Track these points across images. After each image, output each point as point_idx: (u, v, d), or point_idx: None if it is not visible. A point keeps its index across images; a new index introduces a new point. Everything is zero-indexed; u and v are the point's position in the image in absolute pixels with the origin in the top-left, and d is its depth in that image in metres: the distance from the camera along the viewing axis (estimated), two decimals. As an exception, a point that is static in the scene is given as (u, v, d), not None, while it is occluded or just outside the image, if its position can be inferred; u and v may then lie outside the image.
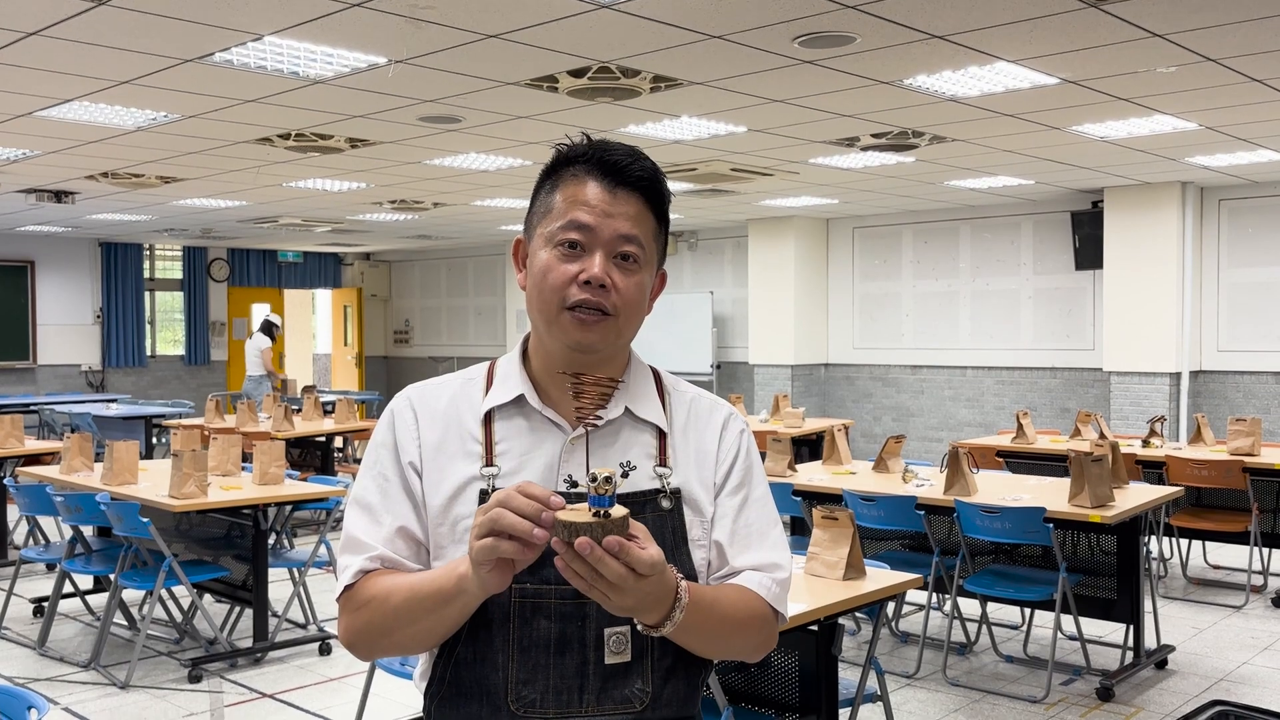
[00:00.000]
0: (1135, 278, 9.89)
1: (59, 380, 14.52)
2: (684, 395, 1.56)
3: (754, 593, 1.47)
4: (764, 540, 1.51)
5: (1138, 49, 5.13)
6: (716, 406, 1.57)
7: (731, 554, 1.49)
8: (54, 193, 9.76)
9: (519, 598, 1.39)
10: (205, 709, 4.76)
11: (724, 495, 1.51)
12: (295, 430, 8.73)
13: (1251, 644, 5.60)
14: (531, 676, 1.39)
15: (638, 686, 1.42)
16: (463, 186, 9.64)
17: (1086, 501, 4.73)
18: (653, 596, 1.27)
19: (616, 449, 1.45)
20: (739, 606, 1.45)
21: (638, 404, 1.49)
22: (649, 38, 4.89)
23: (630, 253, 1.42)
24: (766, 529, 1.52)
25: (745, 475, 1.53)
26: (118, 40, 4.90)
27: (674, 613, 1.31)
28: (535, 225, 1.50)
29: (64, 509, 5.48)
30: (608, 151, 1.44)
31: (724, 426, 1.54)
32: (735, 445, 1.54)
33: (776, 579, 1.49)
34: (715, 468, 1.52)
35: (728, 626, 1.44)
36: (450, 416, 1.48)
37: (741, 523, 1.50)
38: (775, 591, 1.49)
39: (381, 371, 17.80)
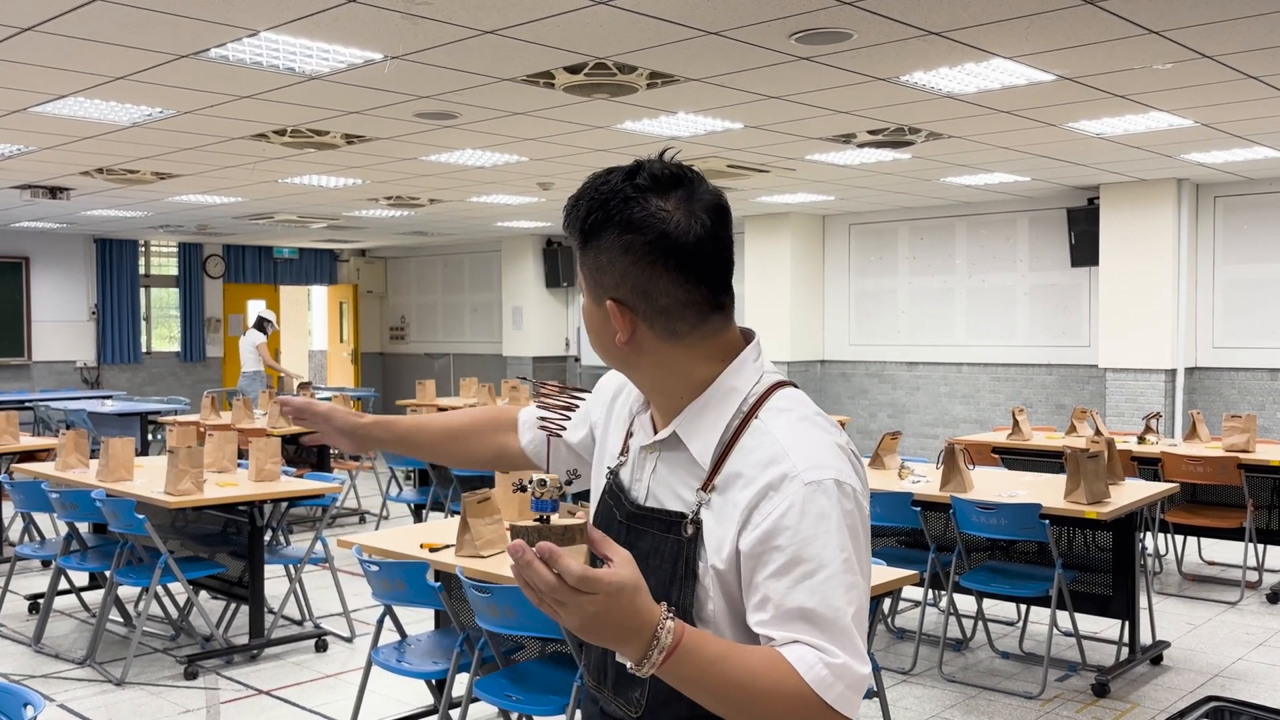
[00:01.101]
0: (1131, 274, 9.90)
1: (54, 377, 14.50)
2: (764, 436, 1.40)
3: (790, 667, 1.27)
4: (825, 629, 1.29)
5: (1134, 46, 5.13)
6: (779, 461, 1.36)
7: (779, 634, 1.31)
8: (49, 189, 9.73)
9: None
10: (201, 706, 4.75)
11: (767, 575, 1.32)
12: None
13: (1246, 640, 5.61)
14: (589, 651, 1.56)
15: (637, 694, 1.45)
16: (459, 183, 9.63)
17: (1082, 498, 4.74)
18: (605, 622, 1.21)
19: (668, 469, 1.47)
20: (760, 676, 1.27)
21: (690, 434, 1.45)
22: (645, 34, 4.89)
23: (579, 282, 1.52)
24: (831, 616, 1.29)
25: (798, 552, 1.31)
26: (113, 36, 4.88)
27: (651, 653, 1.23)
28: None
29: (59, 506, 5.47)
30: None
31: (769, 489, 1.35)
32: (778, 514, 1.33)
33: (829, 663, 1.27)
34: (741, 530, 1.36)
35: (740, 694, 1.26)
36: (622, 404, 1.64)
37: (792, 604, 1.30)
38: (822, 675, 1.27)
39: (377, 368, 17.79)
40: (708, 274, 1.42)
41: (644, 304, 1.41)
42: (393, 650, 4.01)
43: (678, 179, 1.41)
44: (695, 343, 1.44)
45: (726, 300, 1.46)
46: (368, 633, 5.45)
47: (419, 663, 3.94)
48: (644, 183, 1.40)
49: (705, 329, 1.44)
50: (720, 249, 1.43)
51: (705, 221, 1.40)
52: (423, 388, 11.46)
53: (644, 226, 1.38)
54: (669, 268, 1.39)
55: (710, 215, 1.41)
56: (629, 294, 1.41)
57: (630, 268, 1.40)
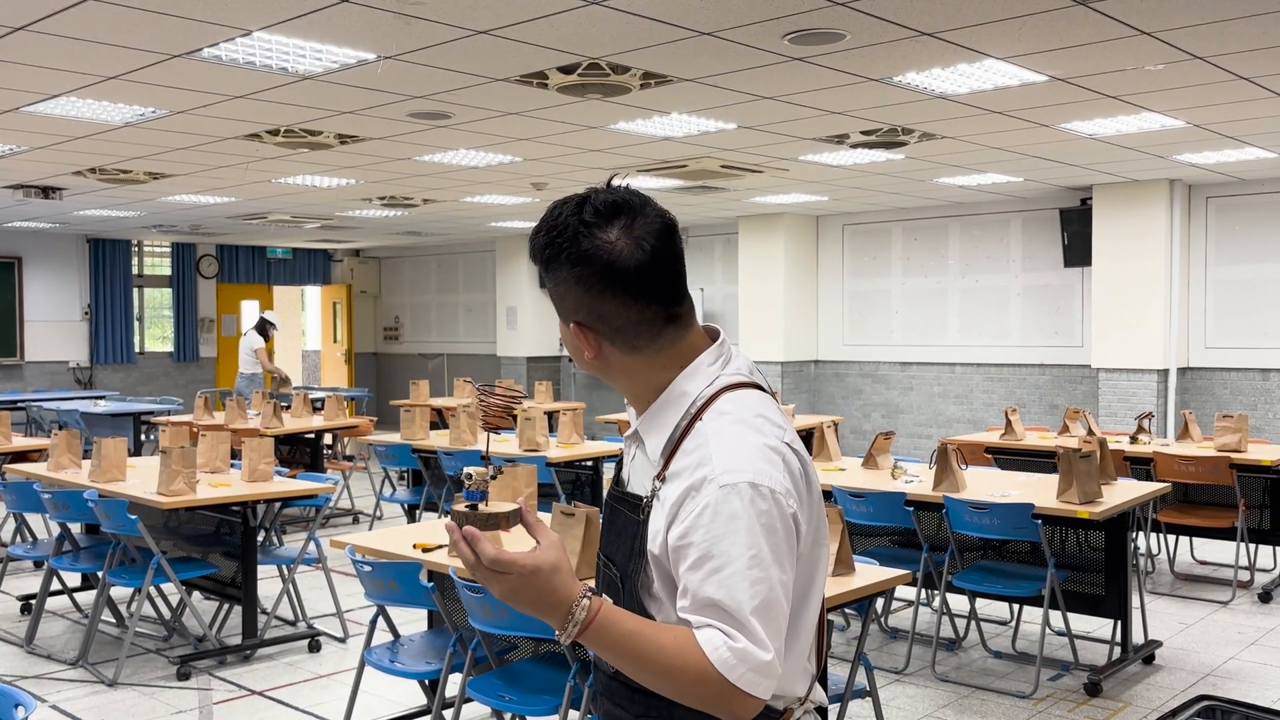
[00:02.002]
0: (1123, 275, 9.93)
1: (46, 377, 14.46)
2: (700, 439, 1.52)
3: (696, 645, 1.41)
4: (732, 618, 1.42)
5: (1126, 47, 5.15)
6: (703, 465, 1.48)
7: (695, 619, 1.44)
8: (41, 188, 9.71)
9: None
10: (194, 706, 4.75)
11: (685, 567, 1.45)
12: (284, 427, 8.72)
13: (1238, 639, 5.63)
14: None
15: None
16: (452, 183, 9.62)
17: (1075, 498, 4.75)
18: (522, 597, 1.43)
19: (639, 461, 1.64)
20: (667, 653, 1.42)
21: (648, 431, 1.61)
22: (639, 34, 4.89)
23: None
24: (736, 608, 1.41)
25: (710, 548, 1.43)
26: (106, 35, 4.88)
27: (567, 625, 1.42)
28: None
29: (51, 506, 5.46)
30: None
31: (690, 490, 1.47)
32: (695, 513, 1.45)
33: (733, 646, 1.40)
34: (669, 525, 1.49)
35: (648, 666, 1.43)
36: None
37: (704, 596, 1.43)
38: (725, 656, 1.40)
39: (371, 368, 17.77)
40: (655, 293, 1.54)
41: (602, 325, 1.56)
42: (386, 650, 4.00)
43: (619, 207, 1.52)
44: (654, 354, 1.58)
45: (681, 311, 1.59)
46: (361, 633, 5.45)
47: (412, 663, 3.93)
48: (589, 216, 1.52)
49: (662, 341, 1.57)
50: (665, 269, 1.54)
51: (647, 246, 1.52)
52: (416, 388, 11.46)
53: (591, 258, 1.51)
54: (618, 293, 1.52)
55: (653, 239, 1.53)
56: (587, 317, 1.56)
57: (584, 295, 1.54)
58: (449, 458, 7.12)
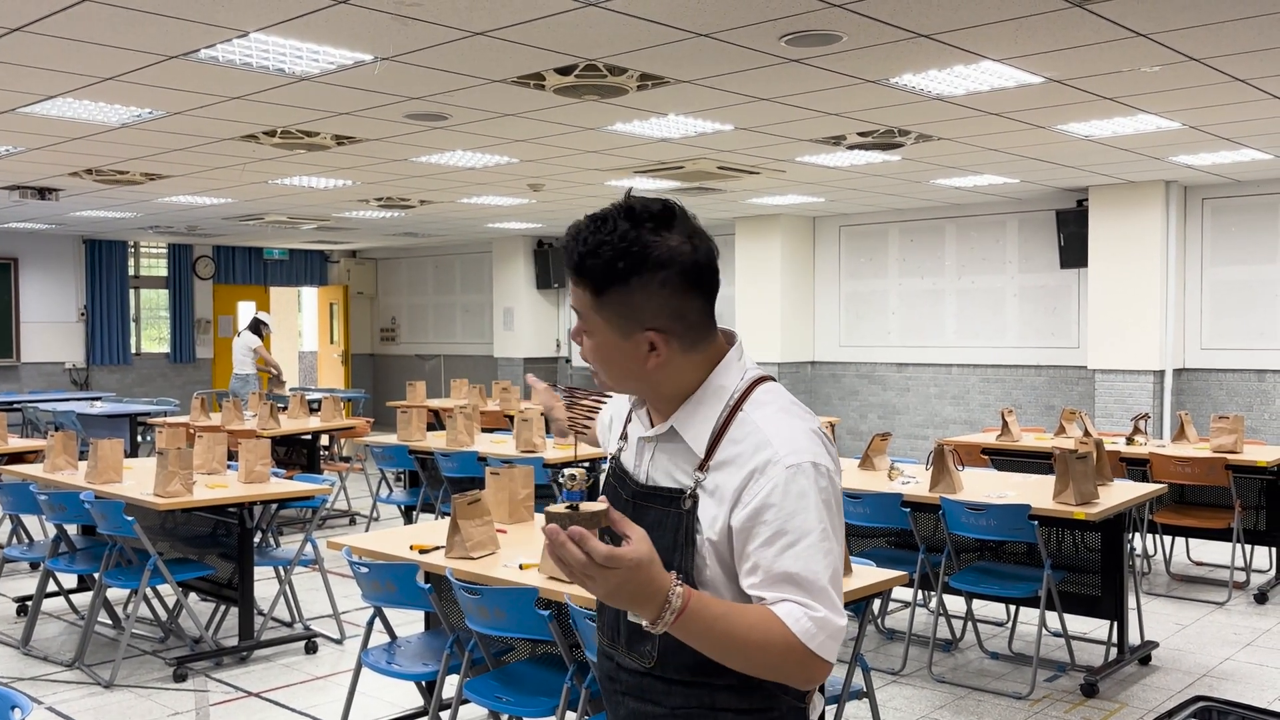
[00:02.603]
0: (1120, 276, 9.94)
1: (43, 378, 14.44)
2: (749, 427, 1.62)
3: (780, 621, 1.51)
4: (807, 590, 1.53)
5: (1122, 48, 5.16)
6: (763, 449, 1.58)
7: (769, 594, 1.54)
8: (37, 189, 9.70)
9: None
10: (190, 708, 4.74)
11: (756, 544, 1.55)
12: (281, 428, 8.71)
13: (1234, 640, 5.64)
14: (602, 612, 1.79)
15: (648, 647, 1.67)
16: (449, 184, 9.62)
17: (1071, 499, 4.76)
18: (625, 590, 1.43)
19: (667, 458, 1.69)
20: (756, 629, 1.51)
21: (685, 427, 1.67)
22: (636, 36, 4.90)
23: (580, 327, 1.68)
24: (812, 579, 1.53)
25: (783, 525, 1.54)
26: (102, 36, 4.87)
27: (664, 614, 1.45)
28: None
29: (48, 507, 5.46)
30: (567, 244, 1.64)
31: (755, 473, 1.57)
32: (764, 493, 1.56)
33: (813, 616, 1.51)
34: (733, 509, 1.58)
35: (739, 644, 1.50)
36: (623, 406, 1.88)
37: (779, 570, 1.53)
38: (807, 626, 1.51)
39: (368, 369, 17.76)
40: (714, 288, 1.67)
41: (680, 325, 1.63)
42: (383, 652, 4.00)
43: (669, 212, 1.62)
44: (703, 351, 1.67)
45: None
46: (358, 634, 5.44)
47: (409, 664, 3.93)
48: (650, 224, 1.59)
49: (710, 336, 1.69)
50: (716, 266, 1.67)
51: (702, 246, 1.64)
52: (413, 389, 11.45)
53: (671, 261, 1.59)
54: (697, 292, 1.63)
55: (703, 239, 1.64)
56: (668, 320, 1.62)
57: (669, 298, 1.61)
58: (445, 459, 7.12)
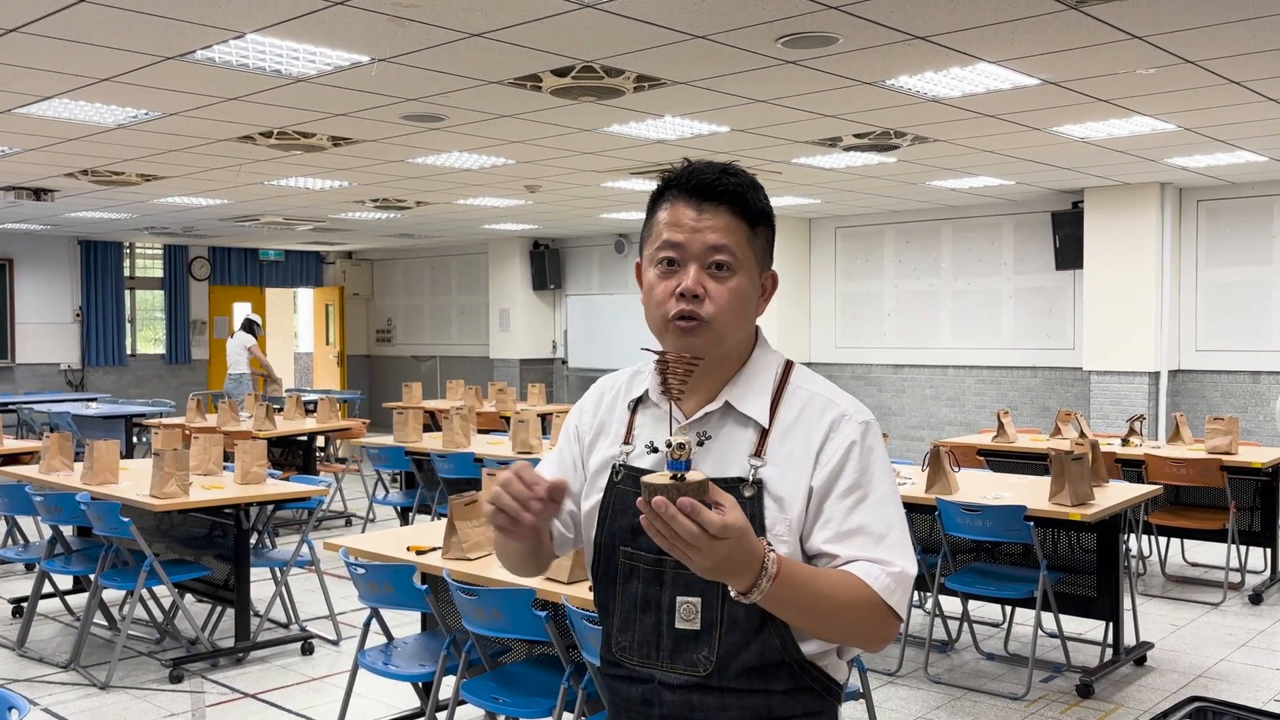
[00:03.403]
0: (1115, 278, 9.96)
1: (38, 379, 14.42)
2: (803, 393, 1.63)
3: (860, 580, 1.51)
4: (880, 542, 1.54)
5: (1118, 51, 5.17)
6: (831, 407, 1.60)
7: (843, 550, 1.54)
8: (33, 190, 9.68)
9: (623, 558, 1.63)
10: (186, 709, 4.74)
11: (833, 499, 1.56)
12: (277, 429, 8.70)
13: (1229, 641, 5.65)
14: (625, 627, 1.64)
15: (704, 654, 1.58)
16: (446, 185, 9.62)
17: (1067, 500, 4.76)
18: (731, 560, 1.38)
19: (719, 438, 1.62)
20: (840, 589, 1.50)
21: (741, 400, 1.62)
22: (632, 37, 4.90)
23: (722, 261, 1.58)
24: (884, 531, 1.55)
25: (858, 478, 1.56)
26: (98, 37, 4.87)
27: (761, 580, 1.41)
28: (644, 247, 1.68)
29: (43, 509, 5.45)
30: (695, 173, 1.60)
31: (831, 430, 1.58)
32: (843, 449, 1.57)
33: (889, 572, 1.52)
34: (814, 469, 1.57)
35: (826, 605, 1.49)
36: (614, 404, 1.75)
37: (853, 524, 1.54)
38: (886, 583, 1.52)
39: (363, 370, 17.75)
40: None
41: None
42: (379, 653, 4.00)
43: None
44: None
45: None
46: (354, 635, 5.44)
47: (405, 665, 3.93)
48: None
49: None
50: None
51: None
52: (409, 390, 11.45)
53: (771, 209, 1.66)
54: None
55: None
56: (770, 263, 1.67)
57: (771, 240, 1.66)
58: (442, 460, 7.12)
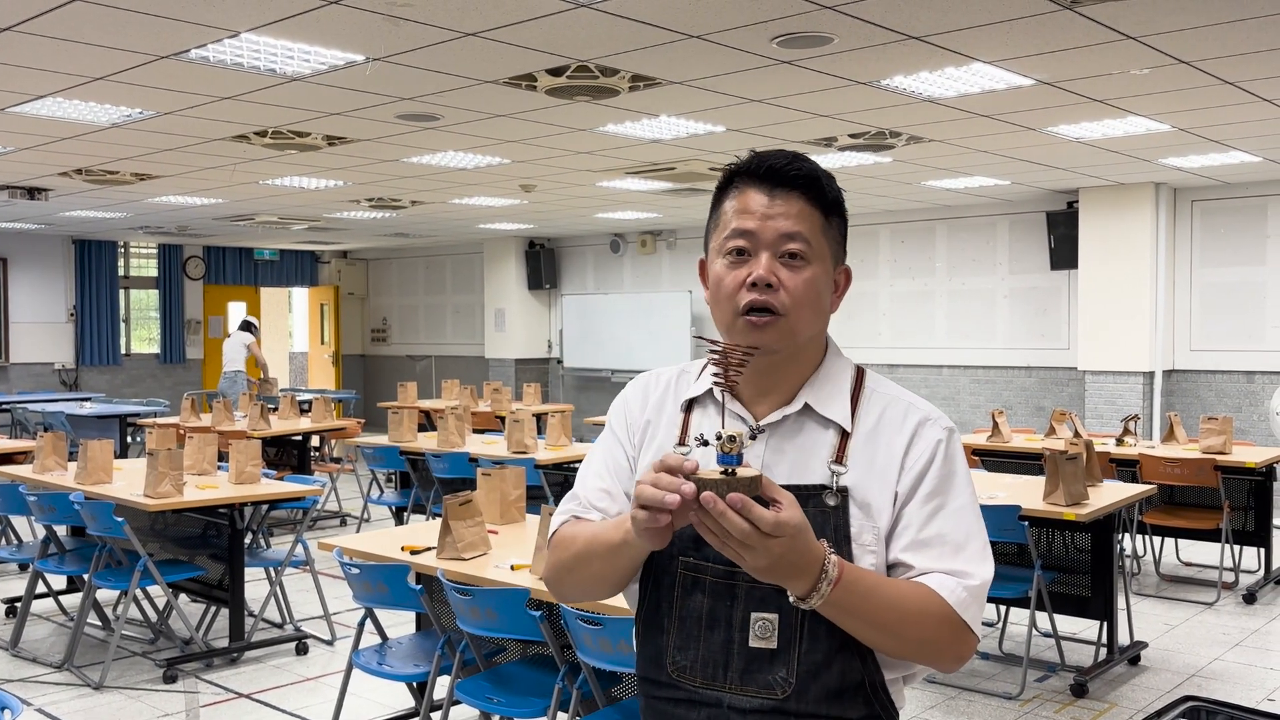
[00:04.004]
0: (1109, 278, 9.98)
1: (32, 379, 14.38)
2: (882, 397, 1.55)
3: (934, 591, 1.43)
4: (958, 552, 1.46)
5: (1112, 51, 5.18)
6: (913, 410, 1.53)
7: (919, 561, 1.46)
8: (27, 189, 9.66)
9: (682, 569, 1.50)
10: (180, 709, 4.73)
11: (913, 505, 1.48)
12: (272, 429, 8.69)
13: (1223, 640, 5.66)
14: (685, 644, 1.49)
15: (781, 675, 1.45)
16: (441, 185, 9.61)
17: (1061, 499, 4.77)
18: (787, 560, 1.30)
19: (796, 442, 1.52)
20: (910, 600, 1.42)
21: (821, 402, 1.53)
22: (628, 37, 4.90)
23: (796, 250, 1.49)
24: (963, 541, 1.47)
25: (939, 484, 1.49)
26: (92, 36, 4.86)
27: (820, 584, 1.33)
28: (710, 242, 1.59)
29: (37, 508, 5.44)
30: (765, 159, 1.54)
31: (915, 434, 1.51)
32: (928, 454, 1.49)
33: (966, 585, 1.44)
34: (900, 475, 1.49)
35: (893, 616, 1.40)
36: (662, 402, 1.62)
37: (931, 532, 1.46)
38: (962, 596, 1.43)
39: (358, 370, 17.73)
40: None
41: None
42: (374, 653, 4.00)
43: None
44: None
45: None
46: (348, 636, 5.44)
47: (400, 665, 3.93)
48: None
49: None
50: None
51: None
52: (404, 390, 11.44)
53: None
54: None
55: None
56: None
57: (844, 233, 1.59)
58: (437, 460, 7.11)
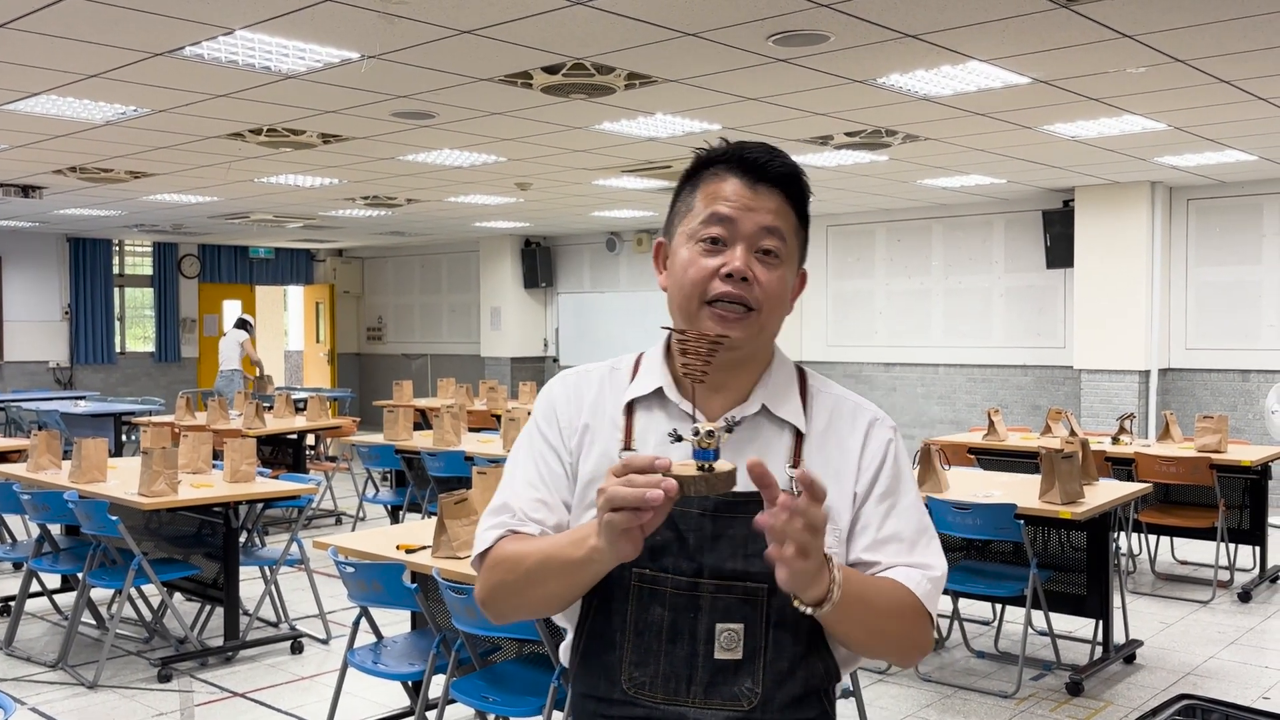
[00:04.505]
0: (1105, 276, 9.98)
1: (26, 377, 14.35)
2: (828, 396, 1.53)
3: (902, 585, 1.43)
4: (914, 547, 1.47)
5: (1108, 49, 5.18)
6: (861, 410, 1.52)
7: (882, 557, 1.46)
8: (21, 187, 9.64)
9: (638, 581, 1.42)
10: (175, 709, 4.72)
11: (870, 504, 1.47)
12: (267, 428, 8.68)
13: (1218, 638, 5.66)
14: (644, 660, 1.42)
15: (747, 686, 1.41)
16: (436, 183, 9.60)
17: (1057, 498, 4.77)
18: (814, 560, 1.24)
19: (753, 447, 1.45)
20: (890, 595, 1.42)
21: (776, 403, 1.49)
22: (623, 35, 4.89)
23: (772, 247, 1.45)
24: (916, 536, 1.47)
25: (892, 484, 1.48)
26: (86, 33, 4.84)
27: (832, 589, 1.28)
28: (676, 225, 1.51)
29: (31, 507, 5.42)
30: (747, 150, 1.48)
31: (868, 434, 1.50)
32: (881, 454, 1.49)
33: (929, 577, 1.45)
34: (856, 475, 1.48)
35: (882, 613, 1.40)
36: (598, 404, 1.53)
37: (889, 530, 1.46)
38: (927, 589, 1.44)
39: (354, 368, 17.71)
40: None
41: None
42: (369, 652, 3.99)
43: None
44: None
45: None
46: (344, 634, 5.42)
47: (395, 664, 3.92)
48: None
49: None
50: None
51: None
52: (400, 388, 11.42)
53: None
54: None
55: None
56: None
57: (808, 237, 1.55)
58: (432, 458, 7.10)
